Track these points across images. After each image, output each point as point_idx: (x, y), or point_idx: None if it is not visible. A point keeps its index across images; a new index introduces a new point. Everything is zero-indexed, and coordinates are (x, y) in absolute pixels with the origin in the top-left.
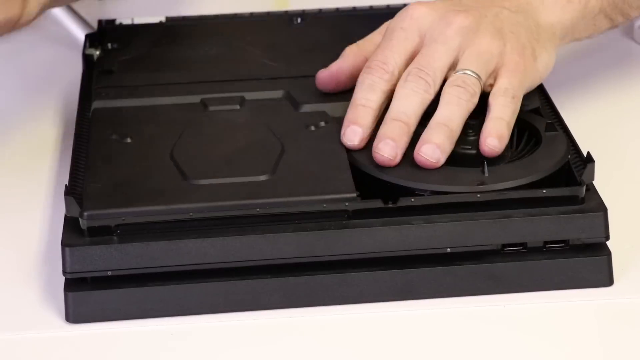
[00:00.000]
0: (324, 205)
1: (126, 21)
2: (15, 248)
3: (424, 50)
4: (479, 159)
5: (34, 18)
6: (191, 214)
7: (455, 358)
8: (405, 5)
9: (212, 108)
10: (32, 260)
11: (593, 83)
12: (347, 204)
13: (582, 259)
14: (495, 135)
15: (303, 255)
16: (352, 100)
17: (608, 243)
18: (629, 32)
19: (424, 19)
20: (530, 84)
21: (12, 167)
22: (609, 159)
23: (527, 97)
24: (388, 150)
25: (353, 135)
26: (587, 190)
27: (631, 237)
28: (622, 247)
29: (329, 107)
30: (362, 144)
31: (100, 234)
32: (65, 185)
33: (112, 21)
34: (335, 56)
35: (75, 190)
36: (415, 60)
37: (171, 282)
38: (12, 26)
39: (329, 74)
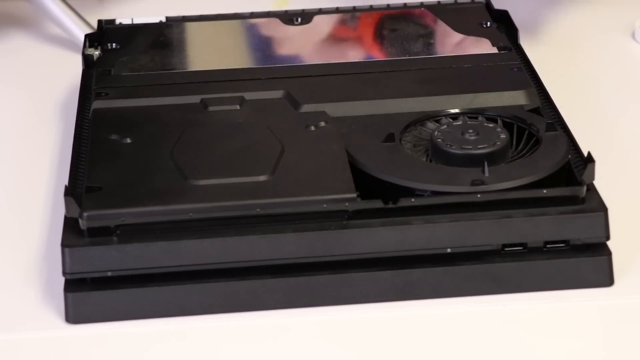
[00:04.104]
0: (324, 205)
1: (126, 21)
2: (15, 248)
3: None
4: (479, 159)
5: None
6: (191, 214)
7: (455, 358)
8: (405, 5)
9: (212, 108)
10: (32, 260)
11: (593, 83)
12: (347, 204)
13: (582, 259)
14: None
15: (303, 255)
16: None
17: (608, 243)
18: (629, 32)
19: None
20: None
21: (12, 167)
22: (609, 159)
23: (527, 97)
24: None
25: None
26: (587, 190)
27: (631, 237)
28: (622, 247)
29: (329, 107)
30: None
31: (100, 234)
32: (65, 185)
33: (112, 21)
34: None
35: (75, 191)
36: None
37: (171, 283)
38: None
39: None
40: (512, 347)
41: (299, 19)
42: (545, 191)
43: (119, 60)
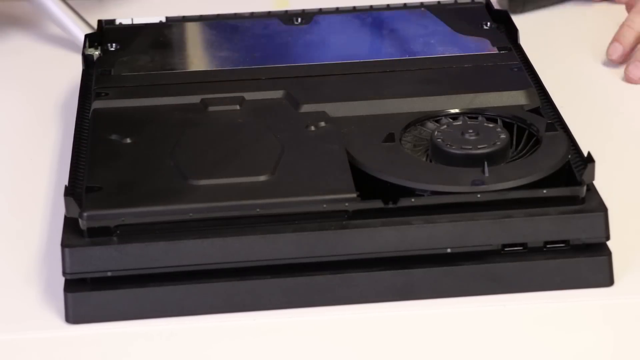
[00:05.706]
0: (324, 205)
1: (126, 21)
2: (15, 248)
3: None
4: (479, 159)
5: None
6: (191, 214)
7: (455, 358)
8: (404, 5)
9: (212, 108)
10: (32, 261)
11: (593, 83)
12: (347, 204)
13: (582, 259)
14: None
15: (303, 255)
16: (624, 21)
17: (608, 243)
18: None
19: None
20: None
21: (12, 167)
22: (609, 159)
23: (527, 97)
24: (637, 72)
25: (614, 51)
26: (587, 190)
27: (631, 237)
28: (622, 247)
29: (329, 107)
30: (620, 60)
31: (99, 234)
32: (65, 185)
33: (112, 21)
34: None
35: (75, 191)
36: None
37: (171, 283)
38: None
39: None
40: (512, 347)
41: (299, 19)
42: (545, 191)
43: (119, 60)
